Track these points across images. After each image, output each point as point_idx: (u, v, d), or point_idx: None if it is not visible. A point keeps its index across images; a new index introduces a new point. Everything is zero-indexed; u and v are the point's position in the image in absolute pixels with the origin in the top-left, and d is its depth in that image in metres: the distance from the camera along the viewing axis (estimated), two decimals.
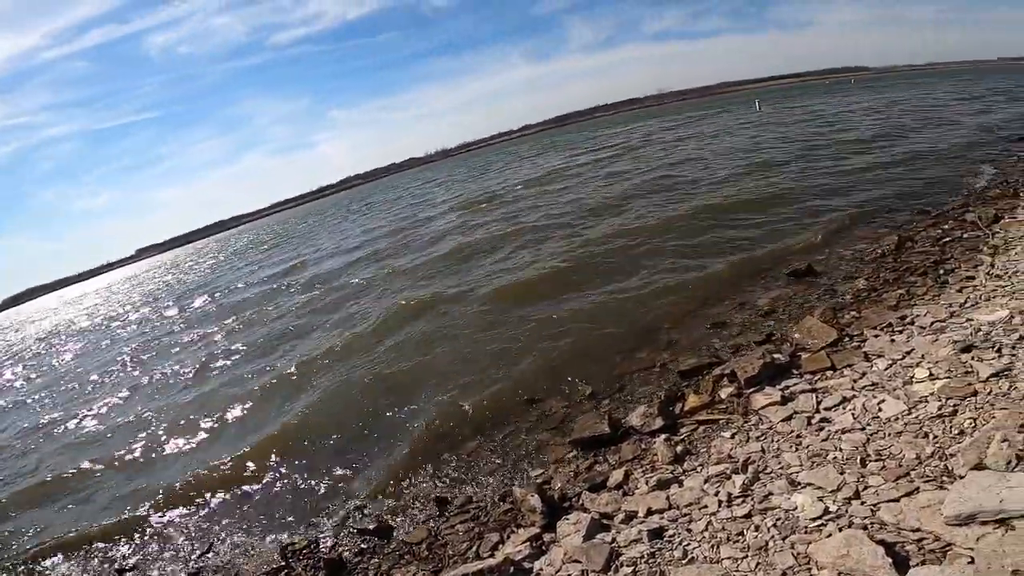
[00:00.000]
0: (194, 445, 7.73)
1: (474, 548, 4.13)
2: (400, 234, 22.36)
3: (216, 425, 8.11)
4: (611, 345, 6.95)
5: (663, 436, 4.67)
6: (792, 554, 2.88)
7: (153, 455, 7.75)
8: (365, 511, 5.16)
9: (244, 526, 5.54)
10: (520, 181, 29.00)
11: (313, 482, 5.92)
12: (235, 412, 8.37)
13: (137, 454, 7.89)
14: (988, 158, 13.04)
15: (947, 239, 7.73)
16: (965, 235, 7.67)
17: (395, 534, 4.71)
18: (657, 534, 3.44)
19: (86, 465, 7.90)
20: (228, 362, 11.28)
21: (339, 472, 5.94)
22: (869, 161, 14.90)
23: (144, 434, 8.51)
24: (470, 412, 6.26)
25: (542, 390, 6.36)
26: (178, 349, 14.04)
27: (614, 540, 3.52)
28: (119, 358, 15.07)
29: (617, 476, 4.32)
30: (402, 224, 25.64)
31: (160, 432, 8.42)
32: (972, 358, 4.20)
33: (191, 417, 8.64)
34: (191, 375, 11.14)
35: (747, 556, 3.00)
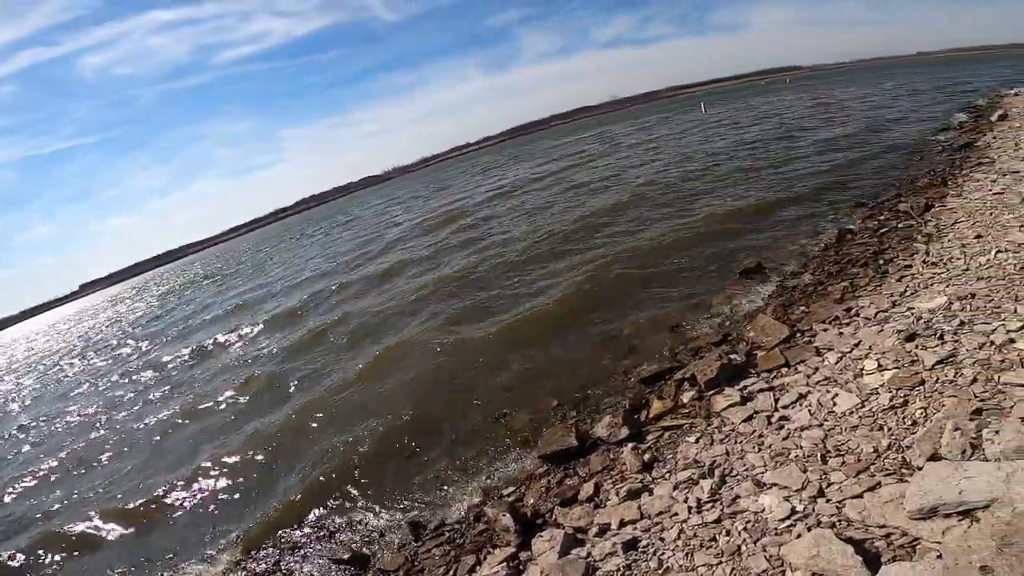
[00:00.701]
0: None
1: (451, 572, 4.04)
2: (355, 270, 19.04)
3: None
4: (574, 356, 6.88)
5: (630, 445, 4.61)
6: (765, 557, 2.83)
7: None
8: (338, 541, 4.98)
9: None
10: (478, 201, 27.13)
11: (280, 513, 5.65)
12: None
13: None
14: (916, 148, 13.69)
15: (884, 229, 7.99)
16: (900, 225, 7.94)
17: (371, 563, 4.57)
18: (631, 545, 3.38)
19: None
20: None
21: (307, 502, 5.68)
22: (807, 156, 15.48)
23: None
24: (439, 434, 6.12)
25: (509, 407, 6.22)
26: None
27: (589, 555, 3.45)
28: None
29: (588, 489, 4.25)
30: (355, 255, 22.41)
31: None
32: (916, 347, 4.28)
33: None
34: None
35: (721, 562, 2.95)
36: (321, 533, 5.16)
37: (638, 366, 6.06)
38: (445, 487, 5.22)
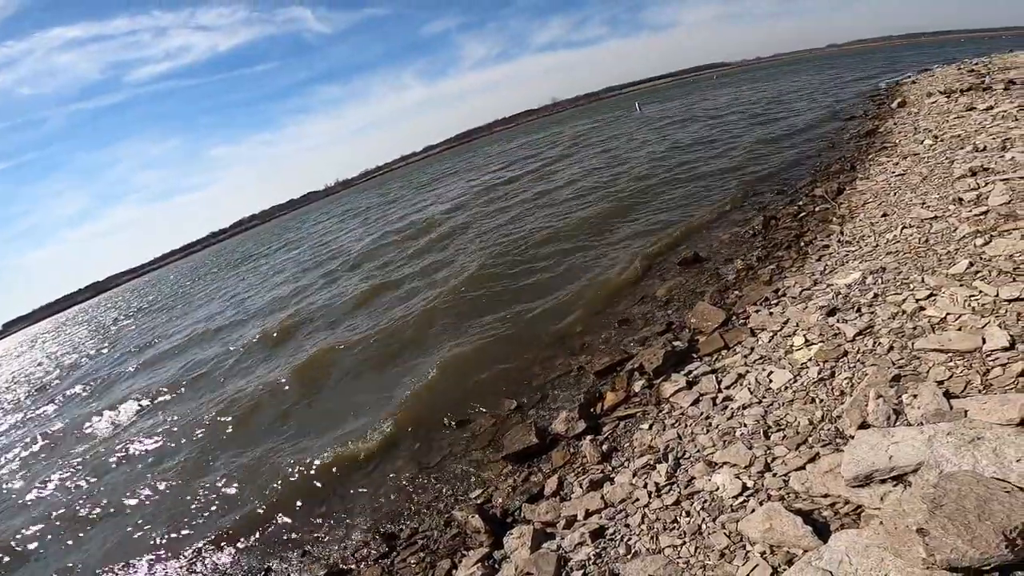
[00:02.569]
0: None
1: None
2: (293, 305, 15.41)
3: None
4: (529, 357, 6.82)
5: (588, 438, 4.60)
6: (725, 534, 2.86)
7: None
8: (312, 557, 4.77)
9: None
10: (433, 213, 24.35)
11: (251, 531, 5.38)
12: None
13: None
14: (828, 138, 14.41)
15: (803, 214, 8.35)
16: (817, 208, 8.32)
17: None
18: (599, 534, 3.39)
19: None
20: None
21: (277, 521, 5.43)
22: (733, 150, 16.01)
23: None
24: (403, 443, 5.95)
25: (470, 412, 6.11)
26: None
27: (560, 547, 3.44)
28: None
29: (552, 484, 4.22)
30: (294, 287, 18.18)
31: None
32: (837, 320, 4.44)
33: None
34: None
35: (685, 542, 2.97)
36: (295, 551, 4.95)
37: (590, 361, 6.06)
38: (414, 496, 5.08)
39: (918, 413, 2.85)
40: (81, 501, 7.42)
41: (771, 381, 4.07)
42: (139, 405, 11.19)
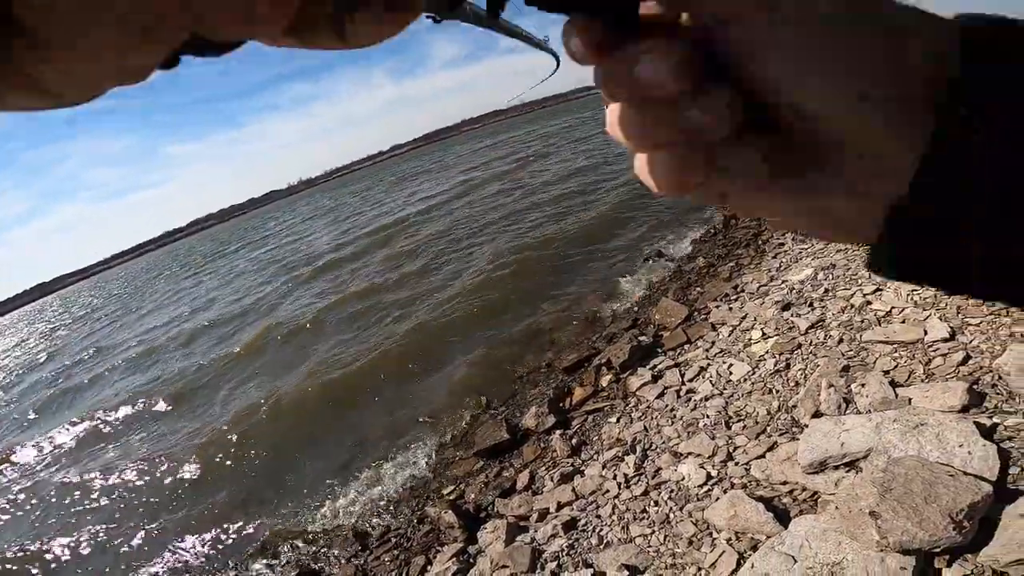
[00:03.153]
0: None
1: (403, 575, 3.93)
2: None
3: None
4: (498, 356, 6.81)
5: (558, 432, 4.63)
6: (692, 522, 2.92)
7: None
8: (283, 560, 4.67)
9: None
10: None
11: (219, 535, 5.21)
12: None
13: None
14: None
15: None
16: None
17: None
18: (571, 525, 3.42)
19: None
20: None
21: (242, 523, 5.27)
22: None
23: None
24: (375, 444, 5.87)
25: (438, 411, 6.06)
26: None
27: (533, 539, 3.46)
28: None
29: (524, 478, 4.24)
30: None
31: None
32: (792, 315, 4.59)
33: None
34: None
35: (654, 530, 3.02)
36: (266, 554, 4.81)
37: (559, 357, 6.09)
38: (385, 493, 5.02)
39: (866, 401, 2.97)
40: None
41: (731, 373, 4.18)
42: (81, 432, 10.14)
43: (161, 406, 9.69)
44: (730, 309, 5.36)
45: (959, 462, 2.00)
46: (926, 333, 3.44)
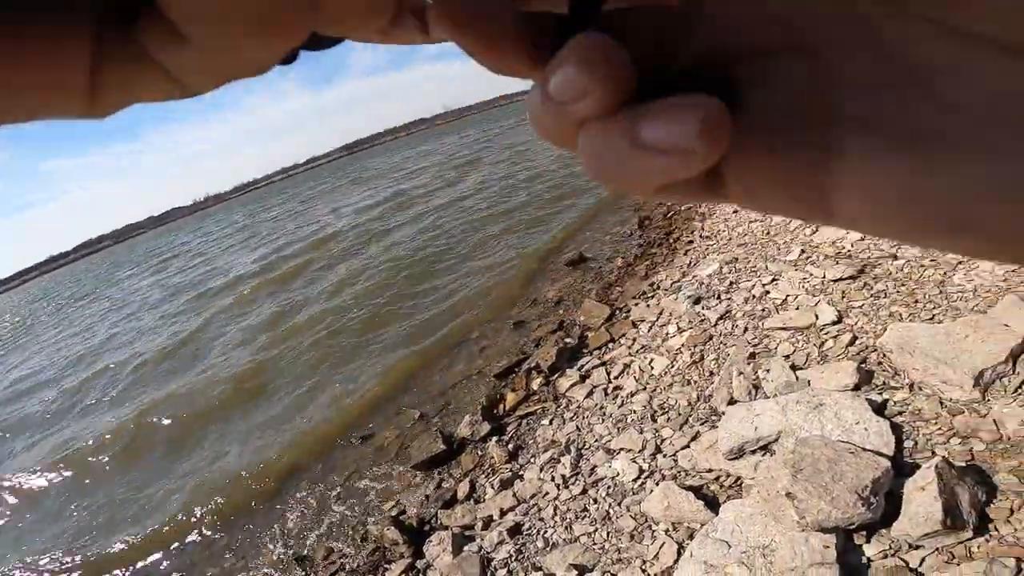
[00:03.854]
0: None
1: None
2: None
3: None
4: (428, 368, 6.61)
5: (494, 439, 4.56)
6: (631, 516, 2.94)
7: None
8: None
9: None
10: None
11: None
12: None
13: None
14: None
15: (672, 212, 9.02)
16: (683, 208, 9.03)
17: None
18: (516, 530, 3.38)
19: None
20: None
21: (175, 564, 4.78)
22: None
23: None
24: (306, 467, 5.51)
25: (372, 427, 5.78)
26: None
27: (481, 548, 3.39)
28: None
29: (464, 487, 4.15)
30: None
31: None
32: (702, 308, 4.83)
33: None
34: None
35: (597, 528, 3.02)
36: None
37: (489, 364, 6.01)
38: (324, 518, 4.70)
39: (772, 386, 3.14)
40: None
41: (653, 368, 4.30)
42: None
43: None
44: (648, 306, 5.54)
45: (858, 439, 2.14)
46: (817, 318, 3.72)
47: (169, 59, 0.16)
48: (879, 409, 2.40)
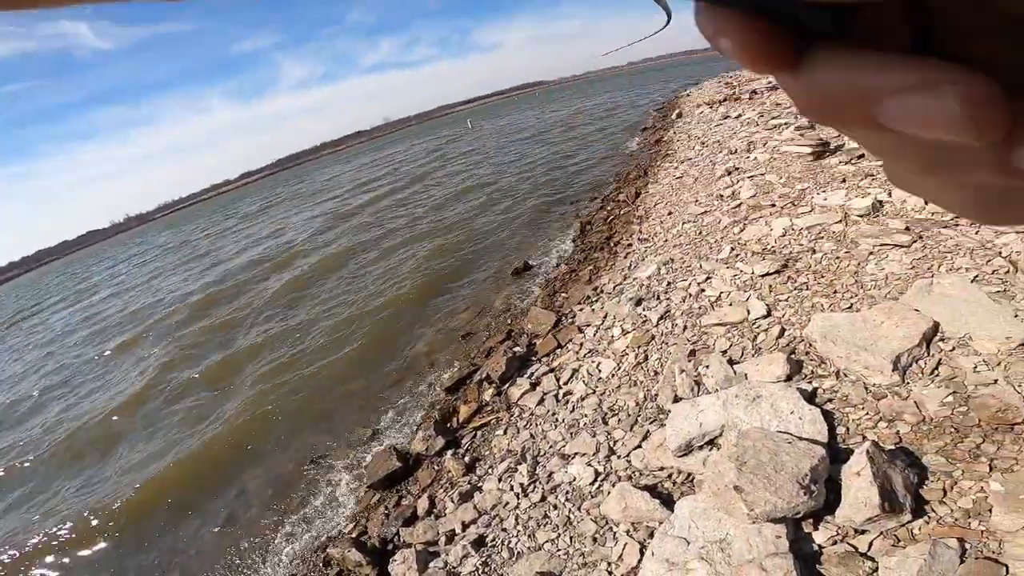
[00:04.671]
0: None
1: None
2: None
3: None
4: (377, 384, 6.39)
5: (449, 452, 4.45)
6: (592, 519, 2.92)
7: None
8: None
9: None
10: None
11: None
12: None
13: None
14: (628, 148, 16.10)
15: (612, 217, 9.20)
16: (622, 212, 9.22)
17: None
18: (480, 543, 3.30)
19: None
20: None
21: None
22: (552, 164, 17.09)
23: None
24: (255, 491, 5.25)
25: (323, 448, 5.51)
26: None
27: (447, 563, 3.27)
28: None
29: (424, 503, 4.01)
30: None
31: None
32: (643, 309, 4.93)
33: None
34: None
35: (560, 534, 2.99)
36: None
37: (439, 378, 5.87)
38: (282, 544, 4.47)
39: (712, 381, 3.23)
40: None
41: (600, 371, 4.33)
42: None
43: None
44: (592, 310, 5.60)
45: (794, 428, 2.22)
46: (748, 312, 3.88)
47: None
48: (810, 397, 2.51)
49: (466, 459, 4.23)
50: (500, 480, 3.74)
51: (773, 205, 5.76)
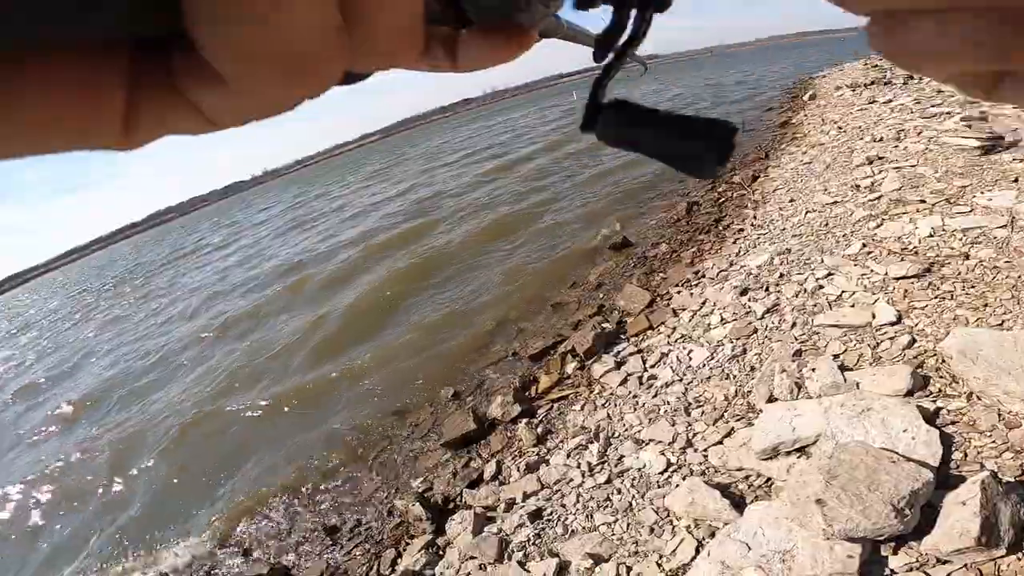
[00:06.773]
0: None
1: (375, 569, 3.85)
2: None
3: None
4: (465, 346, 6.67)
5: (524, 421, 4.57)
6: (653, 509, 2.90)
7: None
8: (254, 555, 4.54)
9: None
10: None
11: (186, 536, 5.03)
12: None
13: None
14: (748, 128, 14.84)
15: (723, 200, 8.63)
16: (735, 195, 8.62)
17: (292, 573, 4.21)
18: (537, 515, 3.38)
19: None
20: None
21: (217, 524, 5.08)
22: None
23: None
24: (340, 439, 5.70)
25: (406, 403, 5.92)
26: None
27: (500, 530, 3.41)
28: None
29: (491, 468, 4.18)
30: None
31: None
32: (749, 299, 4.62)
33: None
34: None
35: (617, 519, 2.99)
36: (234, 551, 4.68)
37: (525, 346, 6.01)
38: (355, 490, 4.88)
39: (817, 386, 2.98)
40: None
41: (691, 359, 4.18)
42: None
43: None
44: (691, 294, 5.37)
45: (903, 447, 2.01)
46: (874, 317, 3.48)
47: (202, 98, 0.16)
48: (930, 418, 2.23)
49: (539, 430, 4.32)
50: (568, 456, 3.79)
51: (923, 201, 4.98)
